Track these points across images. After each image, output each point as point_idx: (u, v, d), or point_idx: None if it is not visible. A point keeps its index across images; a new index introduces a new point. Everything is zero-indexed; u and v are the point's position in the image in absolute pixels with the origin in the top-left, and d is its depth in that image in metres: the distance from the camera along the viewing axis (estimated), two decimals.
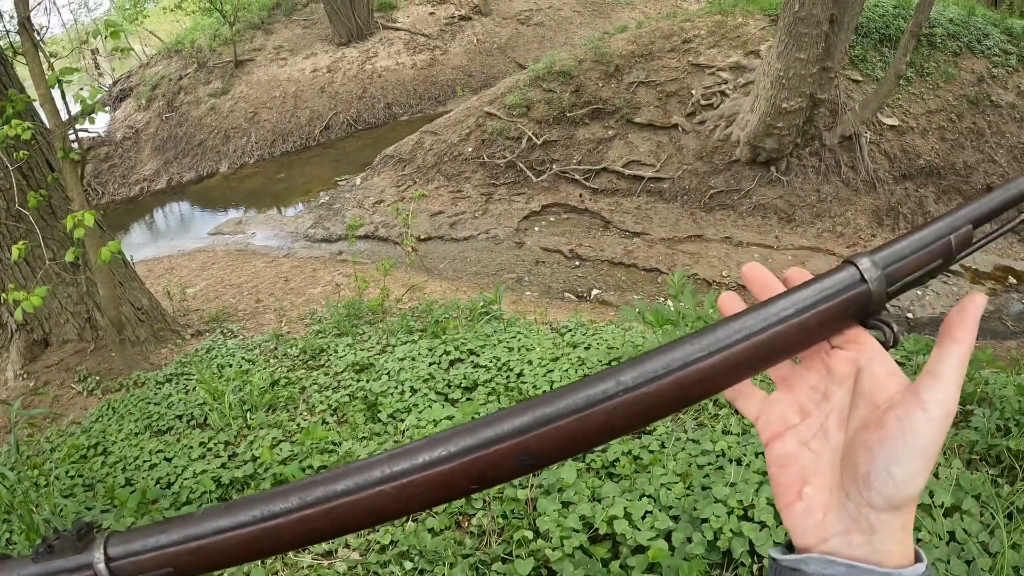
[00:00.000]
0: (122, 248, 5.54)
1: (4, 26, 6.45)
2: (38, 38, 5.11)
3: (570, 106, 10.38)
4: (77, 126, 5.58)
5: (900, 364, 4.00)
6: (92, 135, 15.42)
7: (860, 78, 9.55)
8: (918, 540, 2.28)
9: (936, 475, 2.61)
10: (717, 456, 2.83)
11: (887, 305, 0.58)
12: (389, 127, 14.65)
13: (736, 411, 3.25)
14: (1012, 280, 8.00)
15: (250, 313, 7.38)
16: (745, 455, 2.80)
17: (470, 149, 10.75)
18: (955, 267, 8.13)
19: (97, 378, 5.92)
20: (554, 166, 10.17)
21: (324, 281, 8.21)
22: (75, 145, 5.45)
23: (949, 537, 2.31)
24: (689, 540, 2.35)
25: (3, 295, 5.20)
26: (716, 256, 8.48)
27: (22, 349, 6.28)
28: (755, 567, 2.25)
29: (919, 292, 7.69)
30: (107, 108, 17.25)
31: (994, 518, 2.38)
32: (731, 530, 2.42)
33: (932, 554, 2.22)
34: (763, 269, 0.62)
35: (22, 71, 5.90)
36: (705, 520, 2.44)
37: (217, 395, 4.13)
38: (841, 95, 9.02)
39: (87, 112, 5.16)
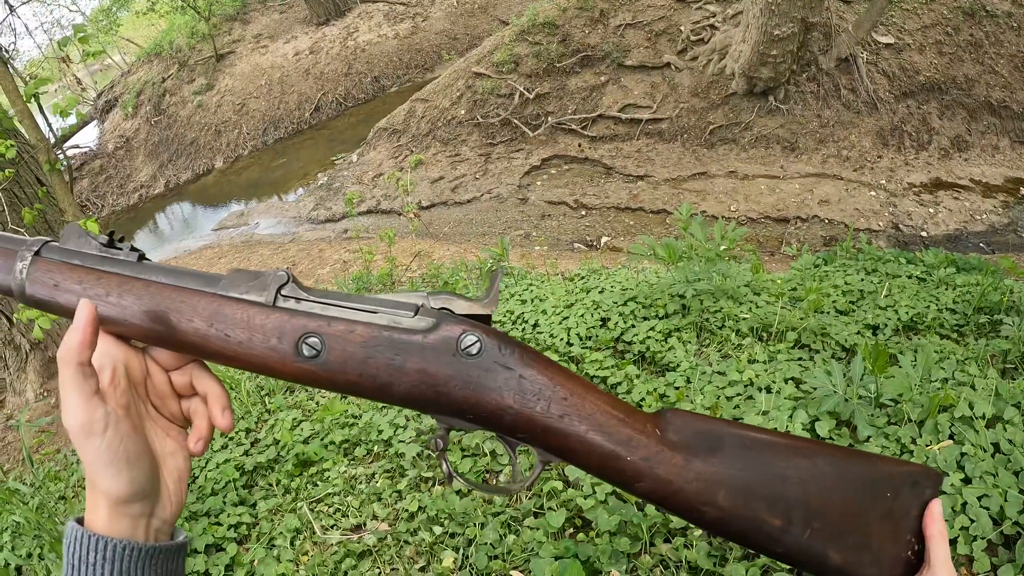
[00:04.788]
0: None
1: None
2: (6, 55, 5.03)
3: (559, 57, 10.20)
4: (66, 138, 5.51)
5: (921, 280, 3.92)
6: (84, 149, 15.38)
7: None
8: (962, 454, 2.20)
9: (973, 387, 2.52)
10: (745, 386, 2.74)
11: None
12: (379, 100, 14.48)
13: (761, 339, 3.17)
14: None
15: None
16: (775, 382, 2.71)
17: (463, 112, 10.59)
18: (965, 181, 7.99)
19: None
20: (549, 119, 10.01)
21: (332, 260, 8.14)
22: (60, 156, 5.38)
23: (994, 449, 2.23)
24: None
25: (15, 316, 5.16)
26: (723, 191, 8.35)
27: (39, 368, 6.26)
28: None
29: (931, 210, 7.57)
30: (95, 115, 17.19)
31: None
32: None
33: (979, 467, 2.14)
34: None
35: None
36: None
37: (234, 384, 4.08)
38: (833, 17, 8.82)
39: (65, 118, 5.07)
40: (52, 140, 5.40)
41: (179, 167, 14.45)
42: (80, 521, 0.68)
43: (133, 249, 0.69)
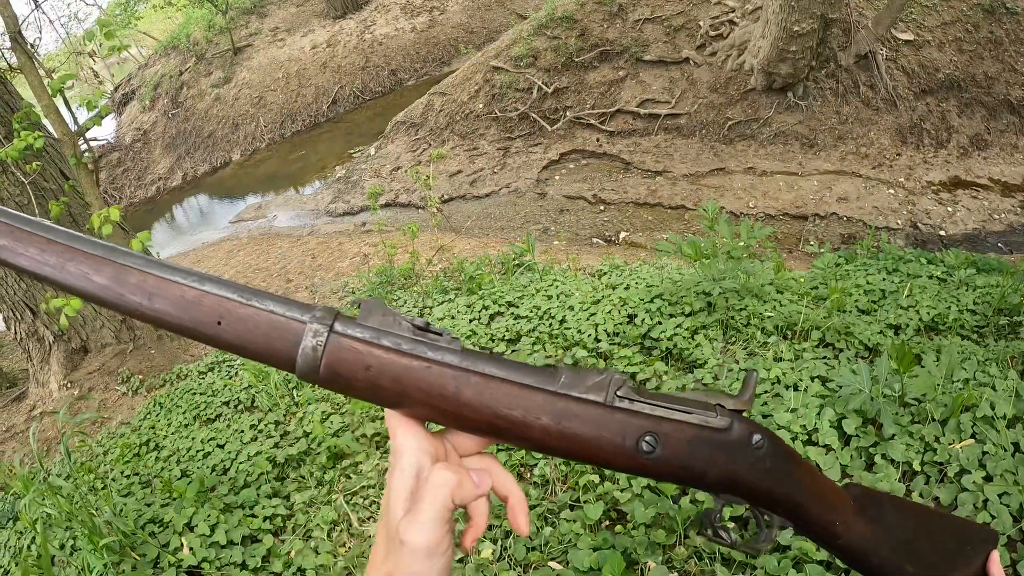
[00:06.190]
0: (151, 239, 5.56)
1: None
2: (32, 51, 5.09)
3: (577, 51, 10.22)
4: (88, 131, 5.57)
5: (941, 281, 3.95)
6: (102, 142, 15.47)
7: None
8: (984, 453, 2.25)
9: (994, 387, 2.57)
10: (773, 383, 2.79)
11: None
12: (396, 94, 14.50)
13: (786, 337, 3.22)
14: None
15: (282, 294, 7.38)
16: (801, 380, 2.76)
17: (481, 105, 10.63)
18: (983, 180, 7.97)
19: (140, 377, 5.96)
20: (568, 113, 10.04)
21: (351, 253, 8.20)
22: (85, 150, 5.44)
23: (1014, 448, 2.29)
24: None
25: (42, 306, 5.23)
26: (741, 188, 8.37)
27: (62, 360, 6.34)
28: None
29: (949, 209, 7.56)
30: (112, 108, 17.30)
31: None
32: None
33: (1000, 465, 2.19)
34: None
35: (22, 89, 5.90)
36: None
37: (262, 376, 4.14)
38: (852, 13, 8.79)
39: (95, 114, 5.14)
40: (80, 136, 5.46)
41: (196, 160, 14.53)
42: None
43: (453, 337, 0.70)
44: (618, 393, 0.69)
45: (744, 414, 0.75)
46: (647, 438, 0.69)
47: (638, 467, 0.71)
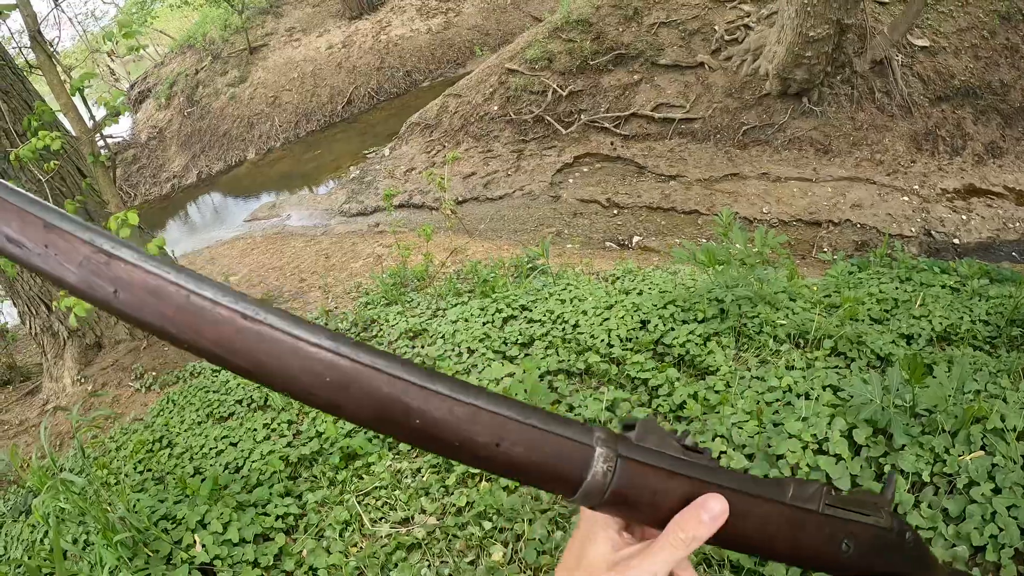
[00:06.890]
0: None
1: (16, 44, 6.46)
2: (51, 49, 5.13)
3: (592, 54, 10.23)
4: (104, 129, 5.61)
5: (954, 290, 3.95)
6: (117, 139, 15.58)
7: (886, 0, 9.29)
8: (993, 465, 2.25)
9: (1004, 399, 2.57)
10: (784, 392, 2.80)
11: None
12: (411, 95, 14.54)
13: (799, 345, 3.23)
14: None
15: (295, 293, 7.43)
16: (813, 389, 2.77)
17: (495, 108, 10.65)
18: (998, 188, 7.93)
19: (153, 373, 6.00)
20: (582, 116, 10.04)
21: (365, 254, 8.22)
22: (103, 148, 5.48)
23: (1023, 460, 2.28)
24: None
25: (54, 303, 5.28)
26: (755, 193, 8.36)
27: (76, 355, 6.39)
28: None
29: (964, 217, 7.53)
30: (130, 108, 17.42)
31: None
32: (808, 464, 2.40)
33: (1008, 478, 2.19)
34: None
35: (41, 87, 5.95)
36: (781, 456, 2.42)
37: None
38: (868, 19, 8.76)
39: (113, 114, 5.17)
40: (98, 135, 5.51)
41: (211, 158, 14.62)
42: None
43: (711, 456, 0.74)
44: (826, 502, 0.77)
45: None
46: (846, 540, 0.78)
47: (837, 565, 0.79)
